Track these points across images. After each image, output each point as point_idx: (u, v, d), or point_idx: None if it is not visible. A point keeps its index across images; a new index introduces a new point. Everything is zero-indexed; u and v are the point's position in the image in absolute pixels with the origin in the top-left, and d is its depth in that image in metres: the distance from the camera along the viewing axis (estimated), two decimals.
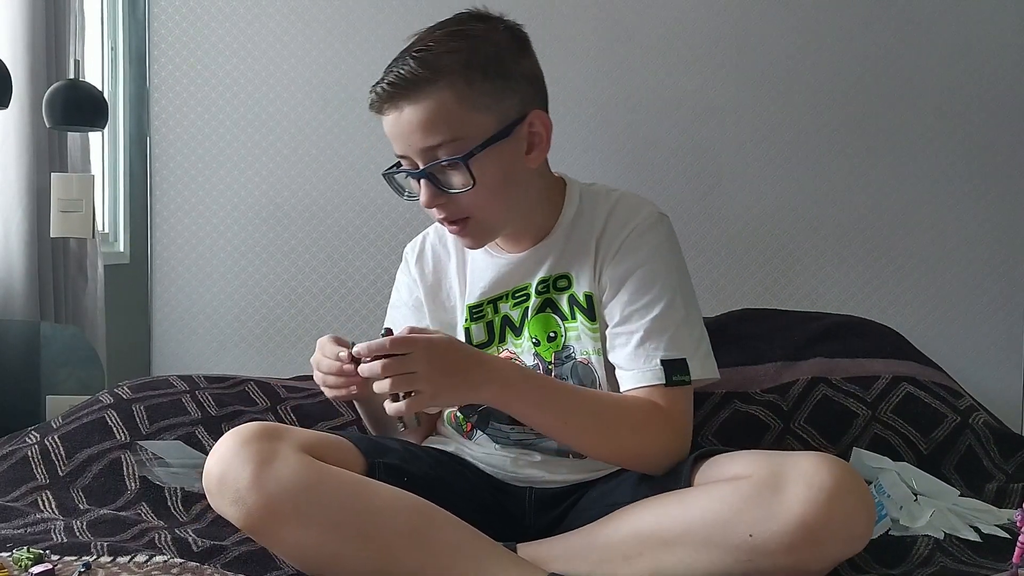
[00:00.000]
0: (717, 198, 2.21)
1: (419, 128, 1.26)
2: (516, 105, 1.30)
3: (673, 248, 1.37)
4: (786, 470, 1.11)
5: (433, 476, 1.32)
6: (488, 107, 1.27)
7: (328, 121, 2.22)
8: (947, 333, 2.22)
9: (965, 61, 2.20)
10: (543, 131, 1.33)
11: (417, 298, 1.48)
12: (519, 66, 1.32)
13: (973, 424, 1.69)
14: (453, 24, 1.33)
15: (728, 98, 2.21)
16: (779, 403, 1.72)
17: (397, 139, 1.30)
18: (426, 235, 1.52)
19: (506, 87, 1.29)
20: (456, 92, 1.25)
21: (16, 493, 1.45)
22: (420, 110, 1.26)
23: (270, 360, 2.22)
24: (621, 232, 1.35)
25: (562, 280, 1.37)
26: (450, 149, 1.26)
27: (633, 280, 1.32)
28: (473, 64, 1.26)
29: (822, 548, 1.10)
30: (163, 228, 2.23)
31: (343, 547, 1.15)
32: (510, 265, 1.40)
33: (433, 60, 1.26)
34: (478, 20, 1.34)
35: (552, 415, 1.26)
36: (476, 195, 1.28)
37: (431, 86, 1.25)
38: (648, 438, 1.26)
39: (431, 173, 1.28)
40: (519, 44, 1.34)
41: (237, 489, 1.14)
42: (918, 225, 2.22)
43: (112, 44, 2.30)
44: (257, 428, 1.19)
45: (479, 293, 1.41)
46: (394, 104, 1.27)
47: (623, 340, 1.31)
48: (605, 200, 1.39)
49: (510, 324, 1.40)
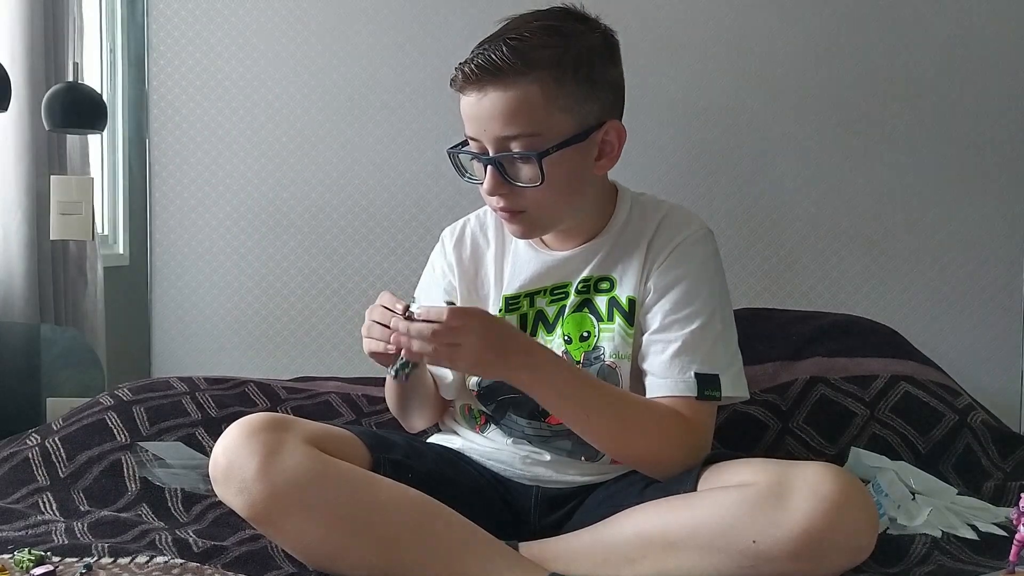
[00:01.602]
0: (715, 198, 2.21)
1: (500, 116, 1.26)
2: (596, 111, 1.30)
3: (719, 265, 1.39)
4: (791, 479, 1.12)
5: (437, 472, 1.32)
6: (570, 108, 1.28)
7: (327, 123, 2.23)
8: (945, 332, 2.22)
9: (964, 60, 2.20)
10: (616, 142, 1.33)
11: (450, 282, 1.47)
12: (607, 73, 1.32)
13: (971, 423, 1.69)
14: (551, 18, 1.31)
15: (726, 98, 2.21)
16: (778, 403, 1.72)
17: (473, 121, 1.29)
18: (467, 221, 1.51)
19: (591, 92, 1.29)
20: (544, 88, 1.25)
21: (17, 495, 1.46)
22: (505, 99, 1.25)
23: (270, 361, 2.23)
24: (672, 241, 1.36)
25: (604, 282, 1.38)
26: (524, 143, 1.26)
27: (678, 290, 1.33)
28: (565, 63, 1.26)
29: (826, 558, 1.11)
30: (162, 230, 2.24)
31: (346, 540, 1.16)
32: (554, 262, 1.40)
33: (528, 51, 1.25)
34: (576, 19, 1.33)
35: (576, 406, 1.27)
36: (541, 192, 1.28)
37: (521, 77, 1.25)
38: (666, 445, 1.27)
39: (500, 163, 1.29)
40: (610, 51, 1.34)
41: (243, 479, 1.15)
42: (916, 224, 2.23)
43: (111, 46, 2.30)
44: (264, 419, 1.20)
45: (518, 285, 1.41)
46: (480, 87, 1.26)
47: (659, 348, 1.32)
48: (656, 210, 1.40)
49: (543, 319, 1.40)
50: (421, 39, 2.20)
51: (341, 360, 2.22)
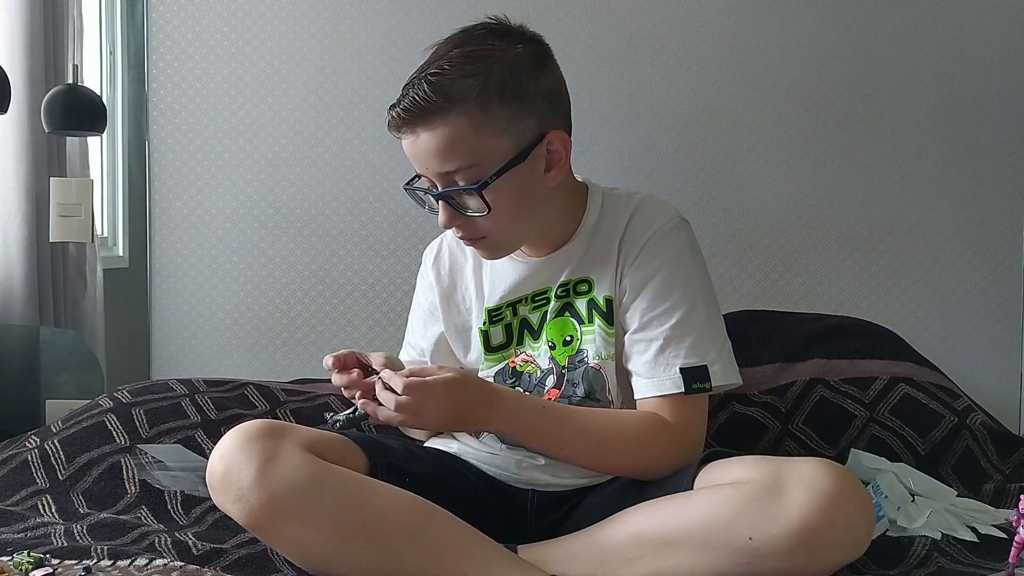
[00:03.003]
0: (714, 200, 2.22)
1: (436, 155, 1.26)
2: (533, 126, 1.29)
3: (694, 253, 1.37)
4: (787, 475, 1.12)
5: (435, 476, 1.32)
6: (504, 131, 1.26)
7: (326, 125, 2.23)
8: (945, 334, 2.22)
9: (963, 63, 2.20)
10: (562, 149, 1.32)
11: (432, 302, 1.49)
12: (536, 85, 1.29)
13: (971, 424, 1.69)
14: (470, 42, 1.29)
15: (725, 100, 2.21)
16: (777, 404, 1.72)
17: (414, 160, 1.30)
18: (444, 237, 1.52)
19: (522, 109, 1.27)
20: (471, 119, 1.24)
21: (16, 497, 1.46)
22: (435, 137, 1.25)
23: (269, 363, 2.23)
24: (642, 236, 1.34)
25: (582, 284, 1.38)
26: (466, 175, 1.26)
27: (652, 285, 1.32)
28: (488, 88, 1.24)
29: (821, 553, 1.10)
30: (162, 232, 2.24)
31: (345, 546, 1.16)
32: (531, 269, 1.40)
33: (447, 86, 1.24)
34: (496, 37, 1.30)
35: (549, 441, 1.30)
36: (492, 219, 1.28)
37: (447, 114, 1.24)
38: (651, 454, 1.28)
39: (448, 195, 1.29)
40: (538, 61, 1.31)
41: (240, 486, 1.15)
42: (916, 226, 2.23)
43: (111, 49, 2.31)
44: (261, 426, 1.20)
45: (499, 296, 1.41)
46: (411, 128, 1.26)
47: (642, 347, 1.32)
48: (626, 203, 1.38)
49: (528, 327, 1.41)
50: (419, 41, 2.18)
51: None
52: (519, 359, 1.40)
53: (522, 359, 1.40)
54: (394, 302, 2.23)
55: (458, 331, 1.46)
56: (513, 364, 1.40)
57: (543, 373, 1.38)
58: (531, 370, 1.39)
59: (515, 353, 1.41)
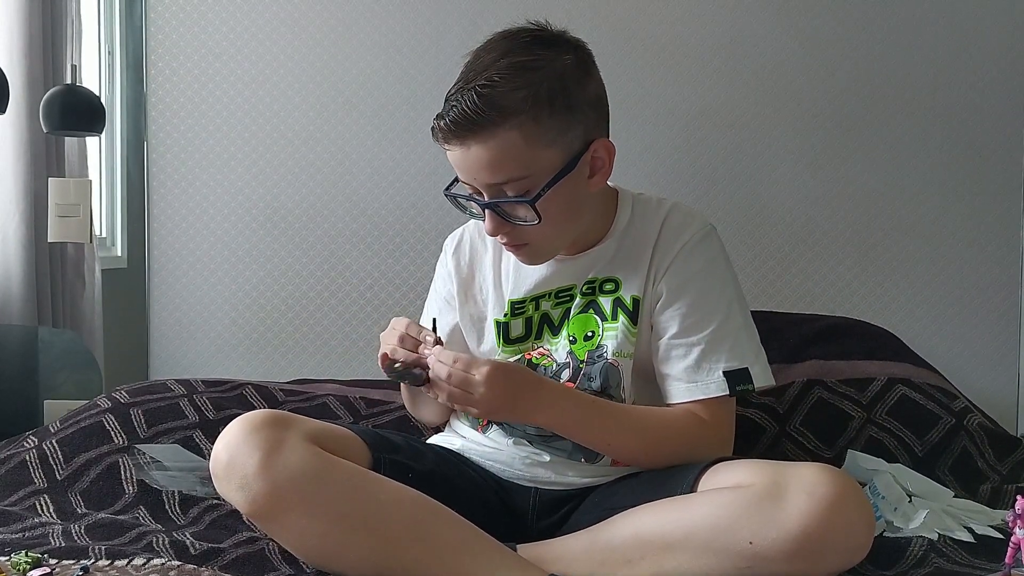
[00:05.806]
0: (711, 201, 2.22)
1: (487, 167, 1.25)
2: (580, 135, 1.29)
3: (726, 259, 1.40)
4: (788, 479, 1.13)
5: (437, 473, 1.33)
6: (554, 141, 1.27)
7: (325, 126, 2.23)
8: (942, 334, 2.23)
9: (958, 63, 2.20)
10: (606, 156, 1.33)
11: (449, 291, 1.49)
12: (584, 93, 1.30)
13: (968, 425, 1.69)
14: (518, 52, 1.27)
15: (722, 102, 2.22)
16: (775, 406, 1.73)
17: (462, 171, 1.29)
18: (466, 227, 1.53)
19: (572, 119, 1.28)
20: (524, 132, 1.24)
21: (14, 497, 1.46)
22: (487, 150, 1.24)
23: (268, 364, 2.23)
24: (676, 242, 1.37)
25: (609, 283, 1.39)
26: (516, 187, 1.27)
27: (691, 291, 1.34)
28: (540, 101, 1.24)
29: (821, 558, 1.11)
30: (160, 232, 2.24)
31: (346, 538, 1.16)
32: (560, 267, 1.41)
33: (499, 98, 1.23)
34: (543, 45, 1.29)
35: (598, 433, 1.31)
36: (540, 227, 1.29)
37: (499, 127, 1.23)
38: (695, 450, 1.30)
39: (496, 205, 1.29)
40: (583, 69, 1.31)
41: (244, 475, 1.15)
42: (913, 227, 2.23)
43: (109, 49, 2.31)
44: (266, 415, 1.20)
45: (525, 290, 1.42)
46: (461, 141, 1.25)
47: (682, 352, 1.33)
48: (657, 209, 1.41)
49: (548, 322, 1.41)
50: (418, 42, 2.21)
51: (339, 362, 2.23)
52: (536, 352, 1.41)
53: (539, 352, 1.41)
54: (392, 302, 2.23)
55: (473, 321, 1.46)
56: (529, 356, 1.41)
57: (559, 367, 1.39)
58: (547, 363, 1.40)
59: (532, 347, 1.41)
